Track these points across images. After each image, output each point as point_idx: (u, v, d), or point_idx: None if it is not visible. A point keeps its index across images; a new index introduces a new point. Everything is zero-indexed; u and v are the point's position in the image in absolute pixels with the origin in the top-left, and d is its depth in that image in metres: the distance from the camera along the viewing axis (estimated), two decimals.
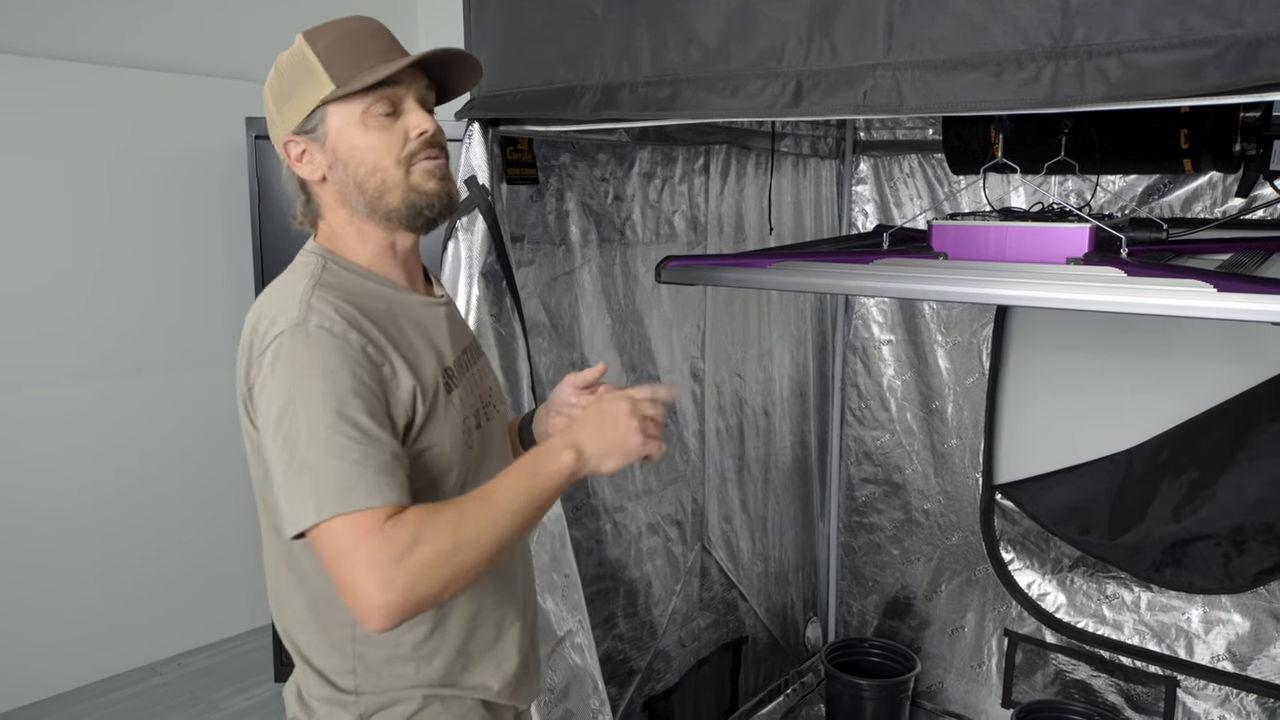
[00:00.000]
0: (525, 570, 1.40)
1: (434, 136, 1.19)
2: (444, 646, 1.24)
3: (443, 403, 1.19)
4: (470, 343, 1.36)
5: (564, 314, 2.14)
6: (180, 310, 3.48)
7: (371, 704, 1.21)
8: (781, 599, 3.03)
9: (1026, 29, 1.19)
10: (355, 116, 1.16)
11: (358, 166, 1.17)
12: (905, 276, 1.64)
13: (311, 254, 1.21)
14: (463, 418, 1.22)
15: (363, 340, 1.10)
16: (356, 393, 1.07)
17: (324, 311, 1.10)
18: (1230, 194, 2.39)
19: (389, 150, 1.17)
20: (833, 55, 1.35)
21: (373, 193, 1.18)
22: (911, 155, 2.92)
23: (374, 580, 0.99)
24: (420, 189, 1.19)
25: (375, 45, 1.17)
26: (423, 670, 1.23)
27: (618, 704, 2.38)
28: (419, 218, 1.20)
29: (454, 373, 1.24)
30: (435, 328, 1.24)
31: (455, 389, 1.22)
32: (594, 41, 1.59)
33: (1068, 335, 2.66)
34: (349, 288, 1.17)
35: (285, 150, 1.20)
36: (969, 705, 2.98)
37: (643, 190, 2.33)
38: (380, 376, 1.11)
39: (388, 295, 1.21)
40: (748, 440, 2.79)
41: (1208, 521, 2.48)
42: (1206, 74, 1.06)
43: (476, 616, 1.26)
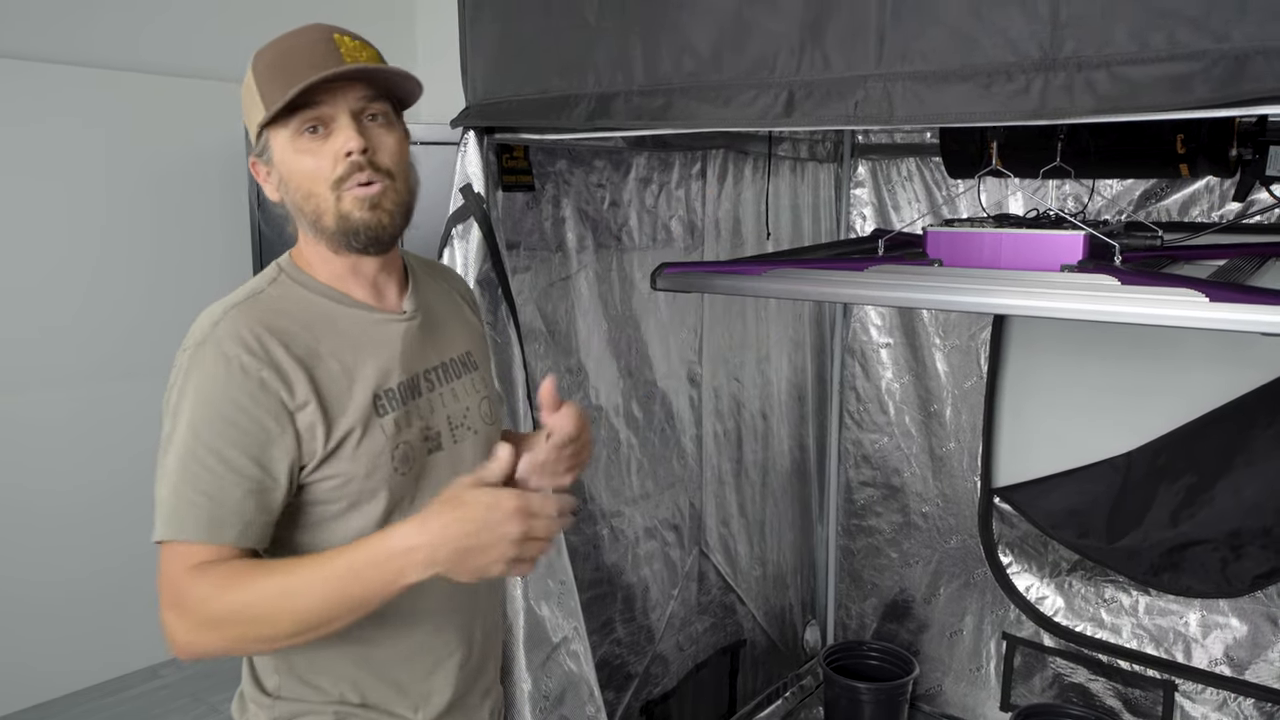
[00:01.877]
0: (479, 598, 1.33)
1: (370, 156, 1.13)
2: (366, 672, 1.22)
3: (362, 432, 1.14)
4: (451, 358, 1.30)
5: (560, 320, 2.14)
6: (178, 313, 3.49)
7: (287, 710, 1.21)
8: (780, 602, 3.03)
9: (1016, 41, 1.19)
10: (288, 139, 1.13)
11: (295, 190, 1.15)
12: (899, 285, 1.64)
13: (275, 265, 1.22)
14: (395, 444, 1.17)
15: (259, 366, 1.09)
16: (230, 423, 1.08)
17: (227, 334, 1.10)
18: (1227, 198, 2.39)
19: (319, 174, 1.13)
20: (825, 66, 1.36)
21: (310, 216, 1.15)
22: (909, 159, 2.92)
23: (168, 618, 1.05)
24: (349, 217, 1.14)
25: (306, 60, 1.11)
26: (339, 687, 1.21)
27: (615, 709, 2.38)
28: (349, 245, 1.16)
29: (396, 395, 1.19)
30: (384, 347, 1.20)
31: (390, 413, 1.18)
32: (588, 51, 1.60)
33: (1066, 339, 2.66)
34: (288, 305, 1.16)
35: (254, 170, 1.21)
36: (967, 708, 2.98)
37: (639, 196, 2.33)
38: (273, 406, 1.09)
39: (334, 312, 1.19)
40: (745, 444, 2.79)
41: (1205, 526, 2.48)
42: (1194, 88, 1.06)
43: (410, 650, 1.24)
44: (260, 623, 1.05)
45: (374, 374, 1.18)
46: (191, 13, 3.50)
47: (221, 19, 3.58)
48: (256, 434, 1.09)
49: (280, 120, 1.12)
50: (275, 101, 1.10)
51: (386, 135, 1.16)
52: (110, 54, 3.31)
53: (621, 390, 2.32)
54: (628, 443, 2.36)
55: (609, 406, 2.28)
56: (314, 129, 1.12)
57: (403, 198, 1.18)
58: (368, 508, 1.16)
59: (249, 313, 1.13)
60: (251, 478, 1.09)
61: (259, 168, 1.20)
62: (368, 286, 1.22)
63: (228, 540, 1.08)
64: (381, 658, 1.23)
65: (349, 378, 1.16)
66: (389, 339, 1.21)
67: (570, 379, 2.17)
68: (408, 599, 1.16)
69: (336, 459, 1.13)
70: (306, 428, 1.11)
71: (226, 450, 1.08)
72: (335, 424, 1.13)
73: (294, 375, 1.11)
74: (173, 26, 3.46)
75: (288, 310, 1.16)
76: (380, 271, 1.23)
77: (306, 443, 1.12)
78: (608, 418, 2.29)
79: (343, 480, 1.14)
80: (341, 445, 1.13)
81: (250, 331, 1.11)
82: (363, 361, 1.17)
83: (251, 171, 1.21)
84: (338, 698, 1.21)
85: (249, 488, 1.09)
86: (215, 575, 1.06)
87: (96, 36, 3.28)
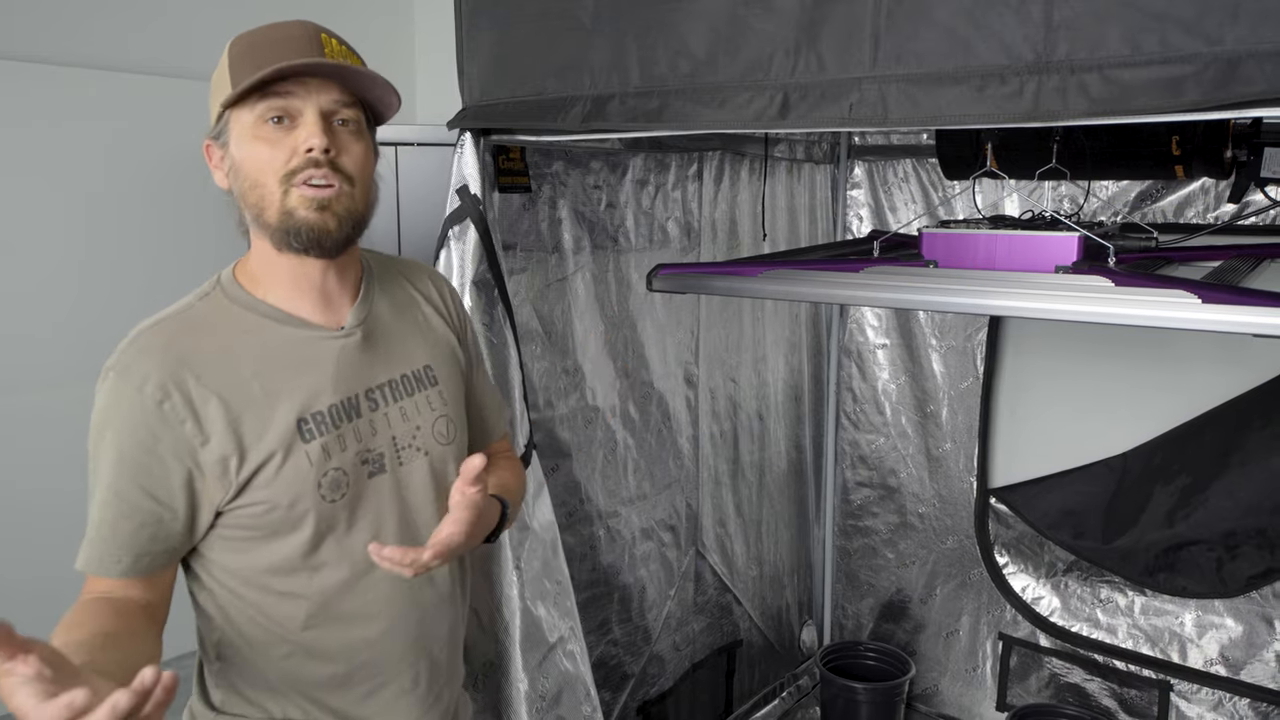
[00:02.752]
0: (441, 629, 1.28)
1: (332, 157, 1.08)
2: (300, 690, 1.18)
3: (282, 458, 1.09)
4: (404, 374, 1.23)
5: (557, 321, 2.14)
6: None
7: None
8: (776, 603, 3.03)
9: (1010, 44, 1.19)
10: (249, 125, 1.09)
11: (244, 178, 1.10)
12: (894, 286, 1.65)
13: (213, 278, 1.19)
14: (323, 470, 1.11)
15: (161, 396, 1.05)
16: (127, 456, 1.07)
17: (136, 359, 1.08)
18: (1222, 200, 2.40)
19: (271, 164, 1.07)
20: (819, 68, 1.36)
21: (253, 209, 1.11)
22: (906, 160, 2.92)
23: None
24: (293, 214, 1.08)
25: (286, 50, 1.07)
26: (280, 705, 1.18)
27: (612, 709, 2.39)
28: (289, 244, 1.10)
29: (325, 418, 1.13)
30: (318, 368, 1.14)
31: (318, 437, 1.12)
32: (584, 53, 1.60)
33: (1061, 340, 2.67)
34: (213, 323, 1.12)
35: (207, 153, 1.16)
36: (963, 708, 2.98)
37: (636, 197, 2.34)
38: (176, 438, 1.06)
39: (265, 330, 1.13)
40: (742, 445, 2.80)
41: (1201, 526, 2.48)
42: (1186, 90, 1.07)
43: (341, 673, 1.19)
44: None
45: (301, 397, 1.12)
46: (185, 13, 3.50)
47: (215, 20, 3.59)
48: (153, 467, 1.06)
49: (245, 103, 1.08)
50: (244, 81, 1.06)
51: (354, 142, 1.12)
52: (104, 54, 3.31)
53: (618, 391, 2.32)
54: (624, 443, 2.36)
55: (605, 407, 2.29)
56: (278, 119, 1.08)
57: (357, 206, 1.12)
58: (292, 536, 1.12)
59: (164, 334, 1.10)
60: (145, 510, 1.07)
61: (213, 151, 1.15)
62: (315, 295, 1.16)
63: (115, 574, 1.07)
64: (317, 679, 1.18)
65: (271, 402, 1.10)
66: (321, 358, 1.15)
67: (567, 380, 2.18)
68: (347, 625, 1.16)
69: (253, 488, 1.09)
70: (216, 460, 1.07)
71: (120, 483, 1.07)
72: (249, 453, 1.08)
73: (202, 406, 1.07)
74: (168, 27, 3.46)
75: (213, 329, 1.12)
76: (329, 278, 1.16)
77: (216, 476, 1.07)
78: (604, 418, 2.29)
79: (265, 508, 1.10)
80: (258, 474, 1.09)
81: (162, 358, 1.07)
82: (288, 383, 1.12)
83: (205, 154, 1.16)
84: (280, 716, 1.18)
85: (141, 520, 1.07)
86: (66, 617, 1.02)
87: (91, 37, 3.28)
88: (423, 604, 1.24)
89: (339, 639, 1.18)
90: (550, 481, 2.01)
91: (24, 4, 3.12)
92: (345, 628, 1.17)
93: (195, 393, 1.07)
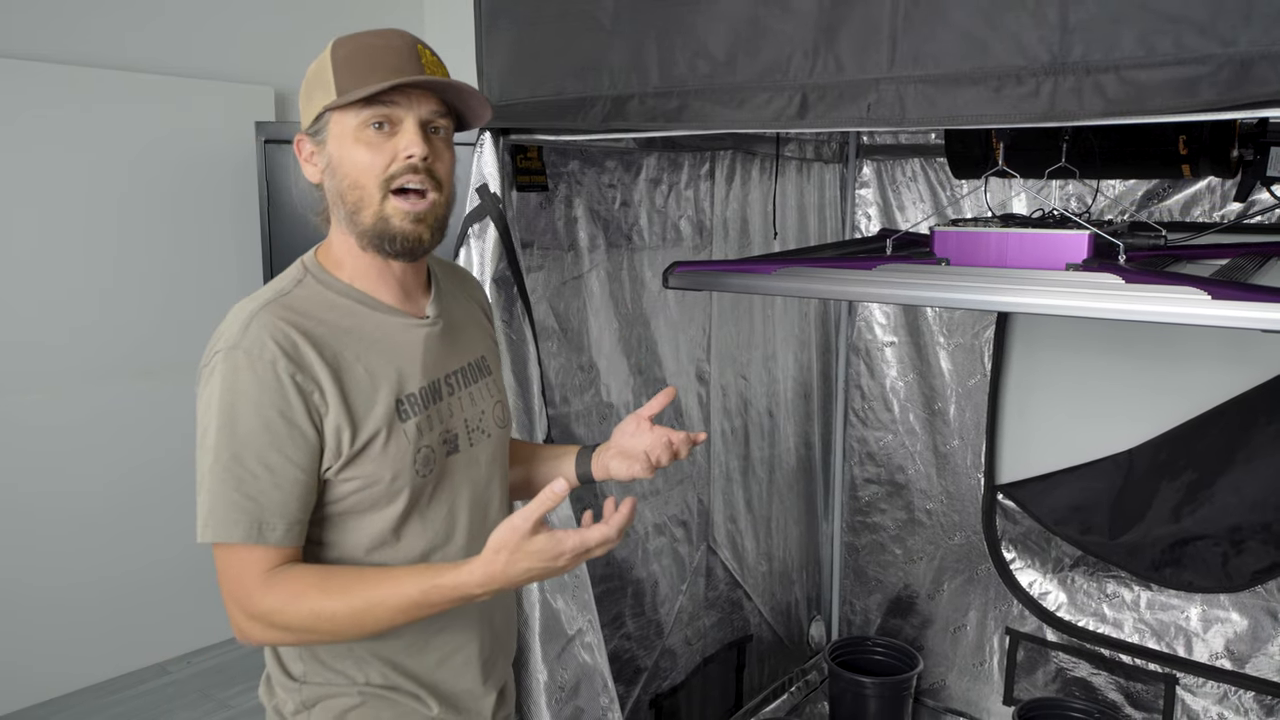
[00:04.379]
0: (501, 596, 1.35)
1: (427, 163, 1.16)
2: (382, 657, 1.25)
3: (386, 436, 1.17)
4: (469, 363, 1.33)
5: (573, 318, 2.17)
6: (190, 313, 3.52)
7: (314, 693, 1.26)
8: (786, 598, 3.06)
9: (1026, 45, 1.22)
10: (351, 128, 1.15)
11: (343, 178, 1.17)
12: (908, 283, 1.67)
13: (300, 264, 1.24)
14: (417, 447, 1.20)
15: (292, 369, 1.12)
16: (267, 426, 1.11)
17: (259, 336, 1.12)
18: (1229, 199, 2.42)
19: (372, 168, 1.15)
20: (838, 69, 1.39)
21: (350, 207, 1.17)
22: (914, 159, 2.95)
23: (234, 614, 1.14)
24: (388, 220, 1.16)
25: (391, 60, 1.15)
26: (364, 670, 1.25)
27: (625, 702, 2.41)
28: (380, 248, 1.18)
29: (417, 400, 1.22)
30: (408, 352, 1.23)
31: (413, 417, 1.20)
32: (603, 53, 1.63)
33: (1069, 337, 2.69)
34: (314, 306, 1.18)
35: (298, 148, 1.22)
36: (971, 703, 3.01)
37: (649, 196, 2.36)
38: (306, 407, 1.12)
39: (359, 315, 1.21)
40: (752, 441, 2.82)
41: (1206, 521, 2.51)
42: (1200, 91, 1.09)
43: (416, 643, 1.27)
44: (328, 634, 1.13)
45: (397, 379, 1.20)
46: (203, 14, 3.53)
47: (233, 21, 3.61)
48: (293, 436, 1.12)
49: (349, 107, 1.15)
50: (352, 88, 1.13)
51: (445, 150, 1.21)
52: (124, 55, 3.34)
53: (632, 388, 2.35)
54: None
55: (619, 404, 2.31)
56: (380, 125, 1.15)
57: (443, 213, 1.21)
58: (388, 509, 1.20)
59: (279, 313, 1.15)
60: (292, 479, 1.12)
61: (305, 145, 1.22)
62: (395, 288, 1.24)
63: (273, 542, 1.11)
64: (400, 645, 1.26)
65: (373, 382, 1.18)
66: (412, 344, 1.24)
67: (582, 376, 2.20)
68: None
69: (360, 462, 1.16)
70: (333, 431, 1.14)
71: (267, 453, 1.11)
72: (360, 428, 1.16)
73: (323, 378, 1.14)
74: (187, 28, 3.49)
75: (314, 313, 1.18)
76: (408, 274, 1.26)
77: (332, 446, 1.14)
78: (618, 415, 2.32)
79: (366, 482, 1.17)
80: (366, 449, 1.16)
81: (282, 333, 1.13)
82: (386, 366, 1.20)
83: (295, 147, 1.23)
84: (363, 681, 1.25)
85: (290, 489, 1.12)
86: (284, 590, 1.11)
87: (111, 37, 3.30)
88: None
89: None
90: None
91: (44, 6, 3.15)
92: None
93: (316, 368, 1.14)
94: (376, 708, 1.25)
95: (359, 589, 1.11)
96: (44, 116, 3.14)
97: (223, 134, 3.54)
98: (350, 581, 1.12)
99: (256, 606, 1.12)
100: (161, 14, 3.43)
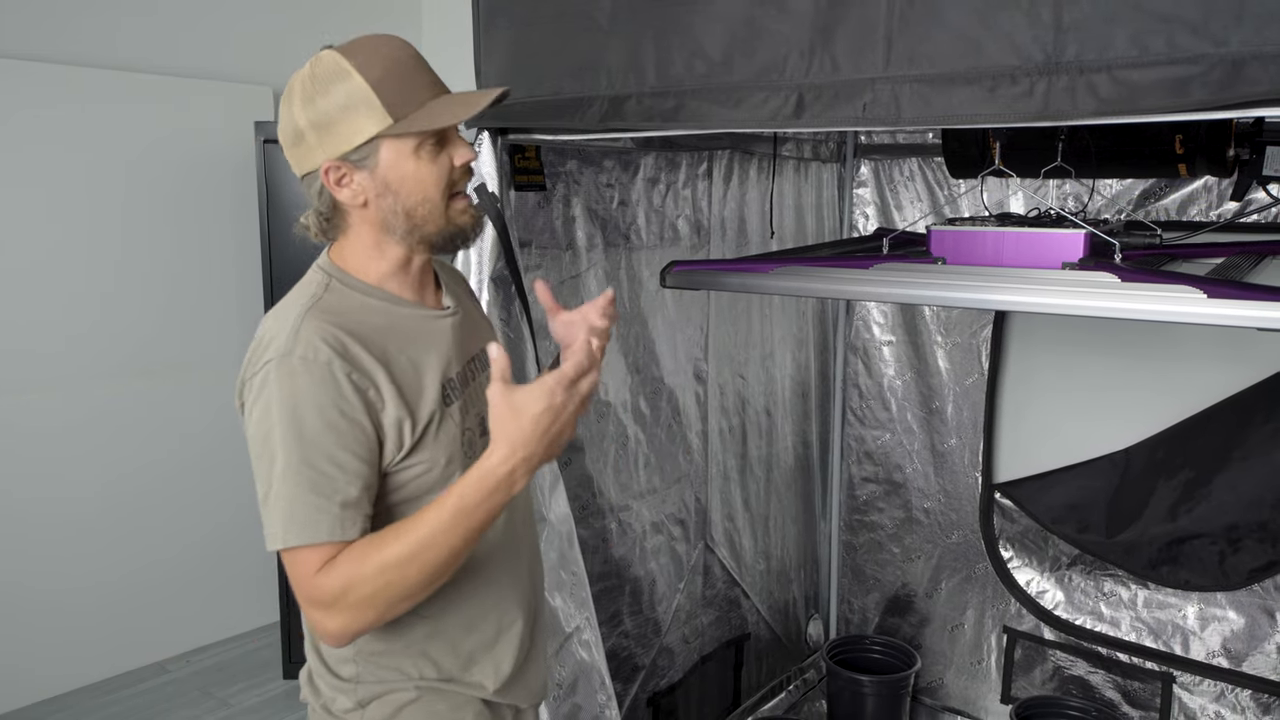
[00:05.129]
0: (532, 569, 1.43)
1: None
2: (439, 646, 1.29)
3: (439, 420, 1.23)
4: (481, 350, 1.39)
5: None
6: (190, 314, 3.53)
7: (370, 691, 1.28)
8: (783, 596, 3.07)
9: (1020, 45, 1.22)
10: (409, 149, 1.19)
11: (409, 195, 1.21)
12: (904, 282, 1.68)
13: (320, 270, 1.26)
14: (462, 429, 1.26)
15: (347, 368, 1.14)
16: (332, 426, 1.13)
17: (311, 341, 1.14)
18: (1225, 198, 2.43)
19: (437, 181, 1.22)
20: (833, 69, 1.39)
21: (418, 220, 1.23)
22: (912, 159, 2.96)
23: (316, 614, 1.13)
24: (456, 222, 1.25)
25: (422, 76, 1.21)
26: (418, 665, 1.28)
27: (623, 700, 2.42)
28: (450, 245, 1.27)
29: (456, 384, 1.28)
30: (439, 340, 1.28)
31: (455, 401, 1.27)
32: (600, 53, 1.63)
33: (1066, 336, 2.70)
34: (348, 307, 1.21)
35: (325, 175, 1.19)
36: (969, 701, 3.02)
37: (647, 195, 2.37)
38: (364, 403, 1.15)
39: (391, 312, 1.25)
40: (750, 440, 2.83)
41: (1203, 520, 2.51)
42: (1192, 91, 1.10)
43: (475, 618, 1.31)
44: (400, 587, 1.12)
45: (438, 365, 1.25)
46: (202, 15, 3.53)
47: (231, 21, 3.62)
48: (356, 433, 1.14)
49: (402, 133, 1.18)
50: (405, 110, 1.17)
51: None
52: (123, 55, 3.34)
53: (630, 387, 2.36)
54: (635, 438, 2.40)
55: (617, 403, 2.32)
56: (436, 141, 1.21)
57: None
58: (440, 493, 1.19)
59: (322, 317, 1.17)
60: (362, 475, 1.15)
61: (343, 171, 1.19)
62: (413, 285, 1.29)
63: (353, 536, 1.13)
64: (450, 629, 1.29)
65: (418, 372, 1.23)
66: (442, 333, 1.29)
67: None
68: (471, 571, 1.26)
69: (420, 449, 1.21)
70: (393, 423, 1.18)
71: (337, 453, 1.13)
72: (418, 416, 1.20)
73: (376, 374, 1.17)
74: (186, 28, 3.49)
75: (351, 313, 1.21)
76: (424, 271, 1.31)
77: (393, 438, 1.18)
78: (616, 414, 2.32)
79: (425, 468, 1.21)
80: (424, 434, 1.21)
81: (331, 335, 1.16)
82: (425, 355, 1.25)
83: (323, 176, 1.20)
84: (417, 676, 1.28)
85: (363, 485, 1.15)
86: (345, 564, 1.12)
87: (110, 38, 3.31)
88: (522, 553, 1.39)
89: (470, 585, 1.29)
90: (564, 475, 2.05)
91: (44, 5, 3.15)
92: (474, 574, 1.28)
93: (368, 365, 1.17)
94: (431, 701, 1.29)
95: (408, 527, 1.12)
96: (43, 117, 3.14)
97: (222, 134, 3.54)
98: (398, 527, 1.13)
99: (327, 593, 1.12)
100: (159, 14, 3.43)
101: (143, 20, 3.40)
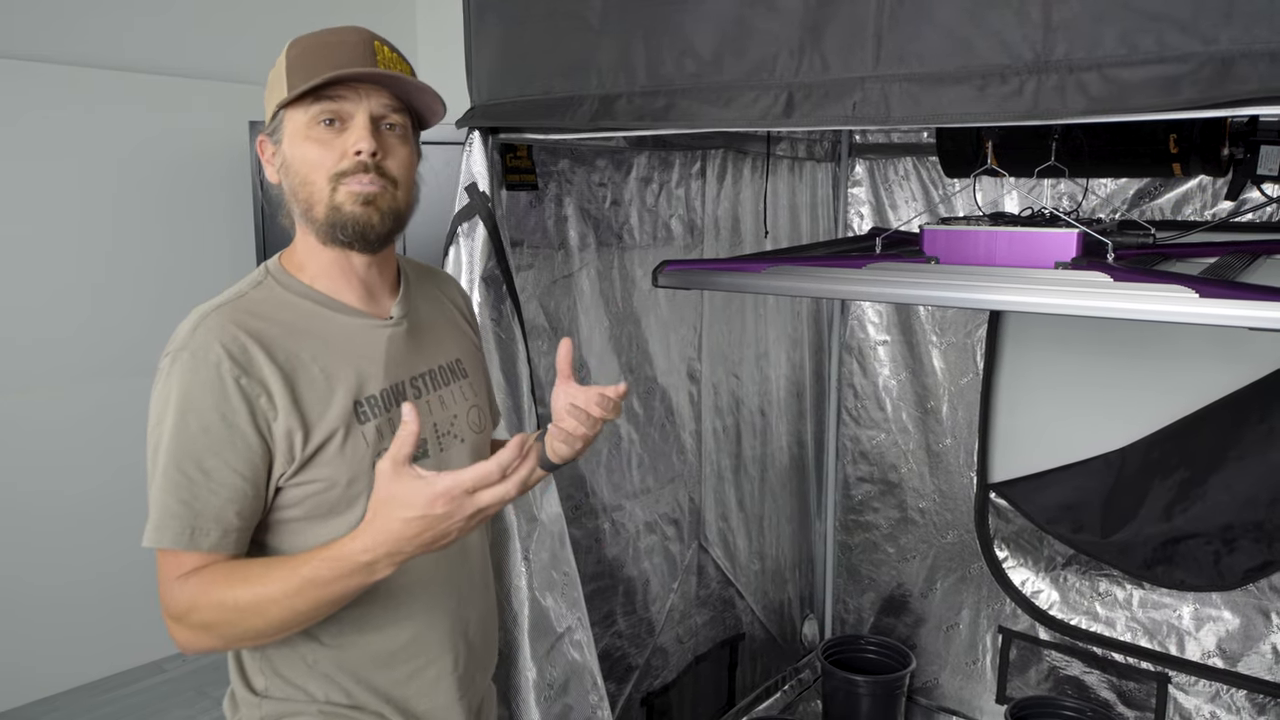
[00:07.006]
0: (476, 606, 1.33)
1: (379, 160, 1.15)
2: (347, 672, 1.22)
3: (343, 437, 1.15)
4: (440, 365, 1.30)
5: (563, 317, 2.17)
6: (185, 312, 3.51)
7: (273, 710, 1.22)
8: (778, 597, 3.06)
9: (1010, 44, 1.22)
10: (302, 125, 1.15)
11: (295, 175, 1.16)
12: (897, 281, 1.68)
13: (261, 267, 1.23)
14: (377, 450, 1.16)
15: (237, 372, 1.09)
16: (208, 430, 1.09)
17: (206, 339, 1.11)
18: (1219, 197, 2.42)
19: (322, 164, 1.14)
20: (823, 68, 1.39)
21: (303, 204, 1.17)
22: (906, 158, 2.95)
23: (166, 619, 1.11)
24: (340, 209, 1.15)
25: (342, 56, 1.14)
26: (324, 688, 1.22)
27: (616, 700, 2.42)
28: (335, 237, 1.16)
29: (378, 402, 1.19)
30: (370, 353, 1.20)
31: (373, 419, 1.18)
32: (591, 52, 1.63)
33: (1061, 336, 2.69)
34: (271, 308, 1.17)
35: (260, 149, 1.22)
36: (964, 701, 3.01)
37: (640, 195, 2.36)
38: (250, 411, 1.10)
39: (318, 315, 1.19)
40: (744, 440, 2.82)
41: (1198, 520, 2.51)
42: (1182, 89, 1.10)
43: (385, 654, 1.23)
44: (240, 628, 1.08)
45: (356, 380, 1.18)
46: (194, 13, 3.53)
47: (224, 19, 3.61)
48: (235, 442, 1.10)
49: (300, 104, 1.14)
50: (302, 85, 1.12)
51: (399, 145, 1.19)
52: (116, 54, 3.34)
53: None
54: (628, 438, 2.39)
55: None
56: (330, 121, 1.14)
57: (399, 205, 1.19)
58: (347, 514, 1.15)
59: (230, 316, 1.13)
60: (231, 486, 1.10)
61: (266, 146, 1.21)
62: (358, 287, 1.23)
63: (205, 548, 1.09)
64: (354, 661, 1.22)
65: (329, 383, 1.16)
66: (373, 345, 1.21)
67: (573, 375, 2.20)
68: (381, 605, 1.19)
69: (316, 465, 1.14)
70: (283, 435, 1.11)
71: (206, 459, 1.09)
72: (313, 430, 1.13)
73: (272, 382, 1.11)
74: (177, 27, 3.49)
75: (270, 314, 1.16)
76: (370, 271, 1.23)
77: (283, 450, 1.12)
78: None
79: (324, 485, 1.14)
80: (321, 450, 1.14)
81: (231, 336, 1.11)
82: (344, 367, 1.17)
83: (258, 149, 1.22)
84: (323, 699, 1.22)
85: (228, 496, 1.10)
86: (195, 585, 1.08)
87: (102, 37, 3.30)
88: (459, 585, 1.30)
89: (383, 618, 1.22)
90: (556, 474, 2.04)
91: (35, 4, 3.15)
92: (389, 607, 1.21)
93: (265, 371, 1.12)
94: None
95: (258, 576, 1.07)
96: (37, 116, 3.14)
97: (216, 133, 3.54)
98: (251, 571, 1.09)
99: (177, 606, 1.09)
100: (155, 14, 3.43)
101: (137, 21, 3.39)
